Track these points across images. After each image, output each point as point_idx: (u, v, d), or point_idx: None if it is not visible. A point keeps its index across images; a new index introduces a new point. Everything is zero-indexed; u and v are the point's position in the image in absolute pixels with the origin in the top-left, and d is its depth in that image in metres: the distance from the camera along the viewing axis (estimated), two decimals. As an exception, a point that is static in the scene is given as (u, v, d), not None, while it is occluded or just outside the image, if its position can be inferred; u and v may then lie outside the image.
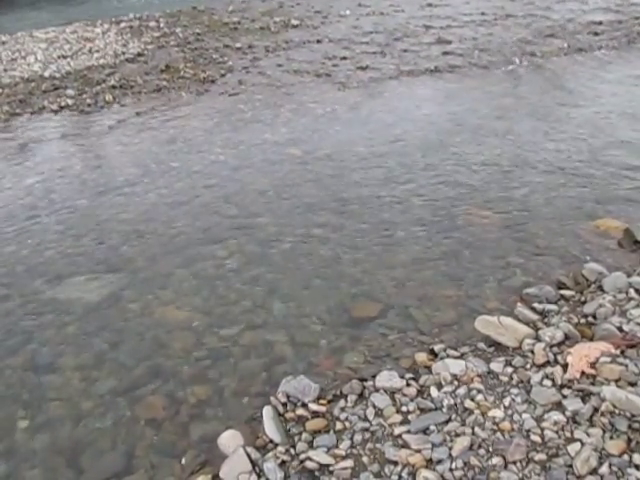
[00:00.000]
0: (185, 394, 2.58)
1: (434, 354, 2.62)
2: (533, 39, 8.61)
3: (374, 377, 2.47)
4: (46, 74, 8.26)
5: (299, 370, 2.61)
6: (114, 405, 2.54)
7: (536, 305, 2.90)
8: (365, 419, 2.27)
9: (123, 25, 11.47)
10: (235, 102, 6.54)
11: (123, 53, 9.21)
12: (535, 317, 2.78)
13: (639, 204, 4.03)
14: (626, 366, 2.24)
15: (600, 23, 9.49)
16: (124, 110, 6.66)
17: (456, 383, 2.36)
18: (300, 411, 2.35)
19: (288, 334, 2.90)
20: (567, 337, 2.54)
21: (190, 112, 6.42)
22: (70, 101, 6.96)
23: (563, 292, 3.02)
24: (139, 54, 9.13)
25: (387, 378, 2.44)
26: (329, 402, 2.40)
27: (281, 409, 2.37)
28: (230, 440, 2.26)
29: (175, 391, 2.60)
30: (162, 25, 11.28)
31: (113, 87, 7.43)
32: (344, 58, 7.89)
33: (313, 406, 2.36)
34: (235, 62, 8.18)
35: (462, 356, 2.56)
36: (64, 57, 9.18)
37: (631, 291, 2.85)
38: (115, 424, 2.45)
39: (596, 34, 8.87)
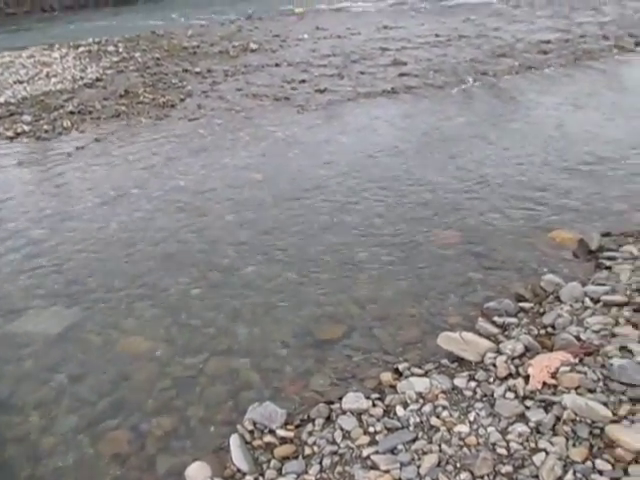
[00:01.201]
0: (150, 426, 2.52)
1: (399, 373, 2.64)
2: (485, 59, 8.89)
3: (340, 399, 2.47)
4: (1, 100, 8.10)
5: (265, 396, 2.59)
6: (76, 442, 2.47)
7: (497, 319, 2.96)
8: (333, 442, 2.26)
9: (81, 50, 11.37)
10: (195, 127, 6.53)
11: (81, 78, 9.12)
12: (496, 331, 2.84)
13: (591, 215, 4.18)
14: (585, 374, 2.30)
15: (548, 42, 9.88)
16: (83, 136, 6.57)
17: (421, 401, 2.38)
18: (268, 438, 2.32)
19: (253, 360, 2.88)
20: (527, 349, 2.59)
21: (150, 137, 6.37)
22: (26, 127, 6.84)
23: (522, 304, 3.09)
24: (98, 79, 9.05)
25: (353, 400, 2.44)
26: (297, 427, 2.38)
27: (248, 437, 2.34)
28: (198, 472, 2.22)
29: (140, 424, 2.54)
30: (121, 50, 11.23)
31: (71, 113, 7.33)
32: (303, 81, 7.99)
33: (281, 432, 2.34)
34: (194, 86, 8.19)
35: (426, 373, 2.59)
36: (20, 82, 9.04)
37: (587, 300, 2.94)
38: (77, 462, 2.38)
39: (545, 53, 9.23)
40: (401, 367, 2.66)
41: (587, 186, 4.64)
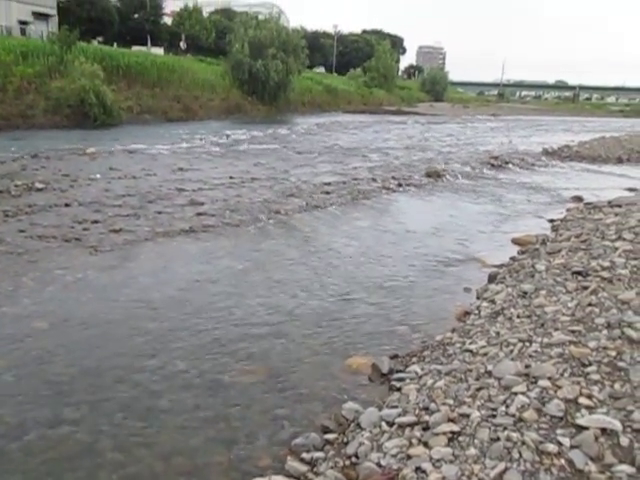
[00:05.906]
0: None
1: (208, 535, 2.44)
2: (277, 199, 9.65)
3: None
4: None
5: None
6: None
7: (305, 455, 2.96)
8: None
9: None
10: (-35, 274, 5.79)
11: None
12: (305, 468, 2.83)
13: (380, 339, 4.58)
14: (388, 502, 2.37)
15: (329, 184, 11.17)
16: None
17: None
18: None
19: None
20: (335, 484, 2.61)
21: None
22: None
23: (328, 436, 3.15)
24: None
25: None
26: None
27: None
28: None
29: None
30: None
31: None
32: (96, 221, 7.72)
33: None
34: (-34, 229, 7.37)
35: (238, 530, 2.43)
36: None
37: (383, 424, 3.10)
38: None
39: (327, 193, 10.37)
40: (210, 527, 2.47)
41: (373, 312, 5.12)
